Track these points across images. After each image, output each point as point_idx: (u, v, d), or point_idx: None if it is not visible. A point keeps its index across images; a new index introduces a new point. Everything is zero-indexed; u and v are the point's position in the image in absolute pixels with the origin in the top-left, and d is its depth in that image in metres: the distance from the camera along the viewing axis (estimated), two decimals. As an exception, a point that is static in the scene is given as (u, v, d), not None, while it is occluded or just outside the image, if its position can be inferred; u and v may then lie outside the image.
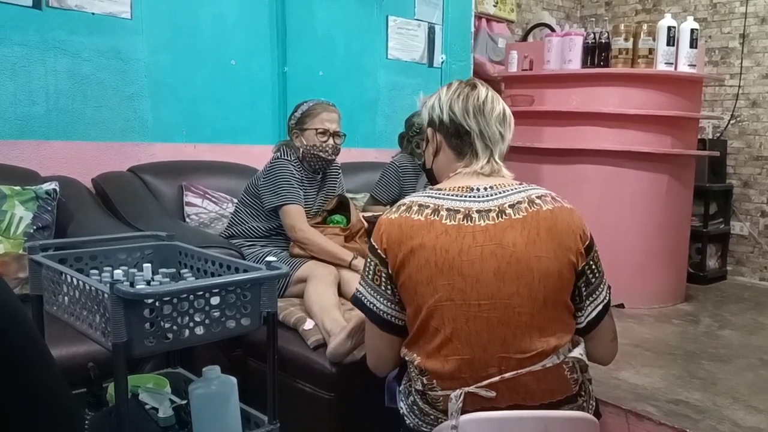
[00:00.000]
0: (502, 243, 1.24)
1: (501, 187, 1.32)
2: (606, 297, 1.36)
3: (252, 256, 2.26)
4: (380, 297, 1.33)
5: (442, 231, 1.25)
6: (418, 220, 1.28)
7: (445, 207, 1.29)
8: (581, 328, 1.35)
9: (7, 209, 2.04)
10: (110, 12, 2.59)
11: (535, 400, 1.26)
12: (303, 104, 2.41)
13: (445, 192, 1.33)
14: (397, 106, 3.57)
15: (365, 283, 1.35)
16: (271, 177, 2.31)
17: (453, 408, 1.22)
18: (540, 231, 1.26)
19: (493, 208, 1.28)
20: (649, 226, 3.04)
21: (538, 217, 1.27)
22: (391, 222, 1.31)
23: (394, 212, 1.33)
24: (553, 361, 1.25)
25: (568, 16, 4.88)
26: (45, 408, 0.74)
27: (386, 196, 2.87)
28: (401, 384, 1.42)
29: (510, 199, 1.29)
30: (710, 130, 4.10)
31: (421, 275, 1.25)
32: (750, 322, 2.91)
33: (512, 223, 1.26)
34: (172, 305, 1.16)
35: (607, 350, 1.40)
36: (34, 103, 2.45)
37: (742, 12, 4.01)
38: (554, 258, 1.26)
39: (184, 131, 2.87)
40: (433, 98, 1.41)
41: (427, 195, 1.34)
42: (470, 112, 1.35)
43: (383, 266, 1.31)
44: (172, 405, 1.45)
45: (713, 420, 1.78)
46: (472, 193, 1.30)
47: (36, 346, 0.76)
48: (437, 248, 1.24)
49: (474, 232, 1.25)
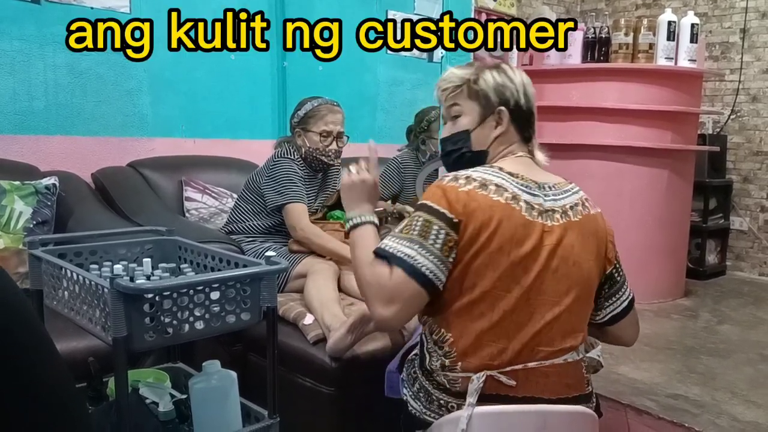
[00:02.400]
0: (563, 244, 1.28)
1: (560, 186, 1.35)
2: (630, 293, 1.44)
3: (252, 252, 2.26)
4: (427, 253, 1.22)
5: (520, 223, 1.25)
6: (498, 201, 1.25)
7: (523, 198, 1.27)
8: (604, 321, 1.43)
9: (7, 204, 2.04)
10: (109, 6, 2.58)
11: (552, 393, 1.26)
12: (307, 103, 2.39)
13: (518, 180, 1.29)
14: (396, 101, 3.57)
15: (406, 239, 1.24)
16: (274, 175, 2.30)
17: (473, 388, 1.22)
18: (589, 235, 1.33)
19: (557, 209, 1.30)
20: (649, 221, 3.04)
21: (589, 220, 1.34)
22: (468, 194, 1.24)
23: (465, 184, 1.26)
24: (574, 357, 1.29)
25: (569, 10, 4.87)
26: (47, 407, 0.74)
27: (387, 192, 2.88)
28: (403, 372, 1.43)
29: (569, 200, 1.33)
30: (710, 126, 4.10)
31: (489, 259, 1.23)
32: (749, 317, 2.91)
33: (572, 225, 1.30)
34: (172, 300, 1.16)
35: (633, 334, 1.49)
36: (33, 98, 2.45)
37: (743, 7, 4.00)
38: (595, 261, 1.33)
39: (183, 126, 2.87)
40: (498, 77, 1.35)
41: (498, 176, 1.28)
42: (533, 97, 1.38)
43: (449, 227, 1.22)
44: (172, 399, 1.45)
45: (712, 414, 1.79)
46: (542, 191, 1.31)
47: (41, 343, 0.76)
48: (514, 240, 1.24)
49: (543, 231, 1.27)
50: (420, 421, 1.32)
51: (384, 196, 2.85)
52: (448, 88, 1.39)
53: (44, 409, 0.73)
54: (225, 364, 1.41)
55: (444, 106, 1.42)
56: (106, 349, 1.17)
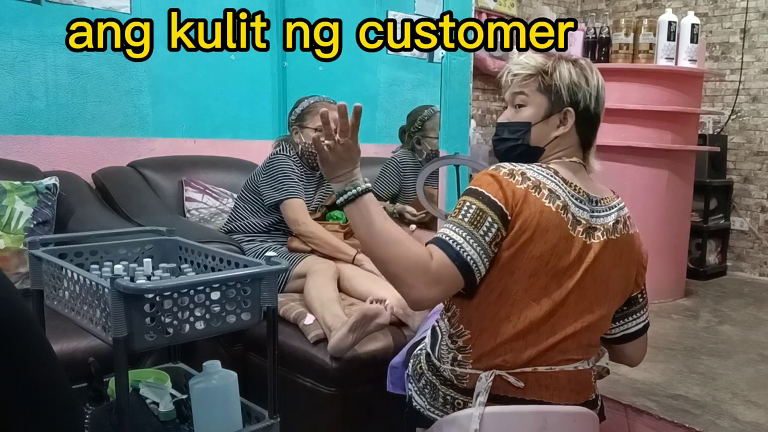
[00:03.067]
0: (596, 262, 1.25)
1: (607, 202, 1.32)
2: (647, 319, 1.42)
3: (252, 252, 2.26)
4: (475, 243, 1.17)
5: (565, 236, 1.21)
6: (549, 207, 1.20)
7: (571, 211, 1.23)
8: (614, 338, 1.41)
9: (8, 204, 2.04)
10: (109, 6, 2.58)
11: (561, 399, 1.25)
12: (304, 100, 2.41)
13: (570, 190, 1.25)
14: (397, 101, 3.56)
15: (458, 227, 1.19)
16: (271, 172, 2.30)
17: (481, 387, 1.22)
18: (622, 255, 1.30)
19: (599, 226, 1.27)
20: (649, 221, 3.03)
21: (625, 240, 1.31)
22: (523, 192, 1.20)
23: (521, 182, 1.21)
24: (584, 365, 1.29)
25: (569, 11, 4.87)
26: (43, 403, 0.74)
27: (386, 192, 2.87)
28: (408, 367, 1.42)
29: (612, 218, 1.30)
30: (710, 126, 4.09)
31: (528, 264, 1.20)
32: (750, 317, 2.91)
33: (609, 244, 1.27)
34: (172, 300, 1.16)
35: (639, 356, 1.47)
36: (34, 98, 2.45)
37: (743, 7, 4.00)
38: (621, 281, 1.31)
39: (184, 126, 2.87)
40: (575, 75, 1.28)
41: (552, 180, 1.24)
42: (604, 103, 1.34)
43: (501, 222, 1.18)
44: (172, 399, 1.45)
45: (712, 415, 1.79)
46: (590, 206, 1.28)
47: (39, 341, 0.77)
48: (555, 251, 1.21)
49: (583, 248, 1.24)
50: (424, 417, 1.31)
51: (384, 197, 2.85)
52: (520, 74, 1.31)
53: (40, 404, 0.74)
54: (225, 364, 1.41)
55: (510, 90, 1.33)
56: (107, 349, 1.17)
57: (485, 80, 4.30)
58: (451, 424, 1.26)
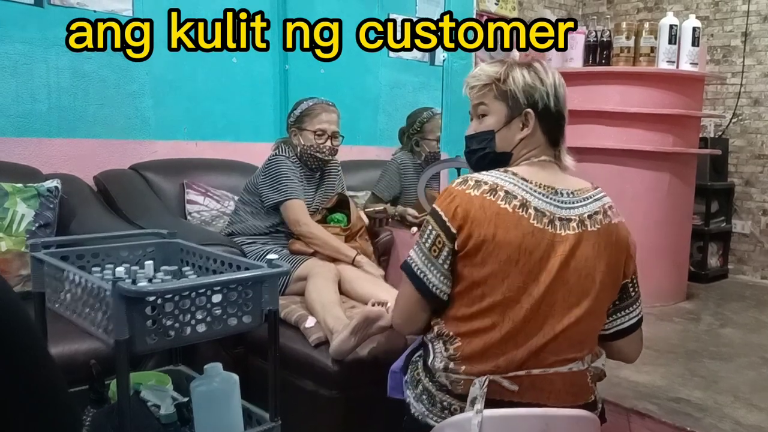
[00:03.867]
0: (576, 255, 1.25)
1: (581, 193, 1.31)
2: (640, 312, 1.40)
3: (253, 254, 2.26)
4: (434, 269, 1.27)
5: (529, 231, 1.22)
6: (505, 209, 1.23)
7: (533, 205, 1.25)
8: (607, 335, 1.39)
9: (9, 207, 2.04)
10: (111, 9, 2.59)
11: (558, 401, 1.25)
12: (303, 102, 2.41)
13: (531, 186, 1.27)
14: (398, 103, 3.57)
15: (420, 251, 1.29)
16: (270, 174, 2.31)
17: (475, 393, 1.22)
18: (606, 245, 1.29)
19: (573, 217, 1.27)
20: (651, 224, 3.03)
21: (607, 231, 1.30)
22: (471, 199, 1.24)
23: (474, 188, 1.25)
24: (579, 367, 1.28)
25: (570, 14, 4.87)
26: (41, 405, 0.74)
27: (387, 194, 2.88)
28: (407, 373, 1.42)
29: (588, 208, 1.30)
30: (712, 129, 4.09)
31: (497, 268, 1.22)
32: (751, 320, 2.90)
33: (588, 236, 1.27)
34: (173, 303, 1.17)
35: (635, 351, 1.45)
36: (36, 101, 2.45)
37: (745, 10, 4.00)
38: (608, 273, 1.29)
39: (185, 129, 2.87)
40: (528, 77, 1.32)
41: (510, 181, 1.27)
42: (565, 100, 1.36)
43: (449, 240, 1.25)
44: (173, 402, 1.45)
45: (714, 418, 1.78)
46: (557, 198, 1.28)
47: (36, 343, 0.77)
48: (522, 248, 1.22)
49: (555, 240, 1.24)
50: (422, 424, 1.31)
51: (385, 199, 2.85)
52: (476, 86, 1.36)
53: (39, 405, 0.74)
54: (227, 366, 1.41)
55: (471, 103, 1.39)
56: (108, 352, 1.18)
57: (486, 83, 4.29)
58: (451, 428, 1.26)
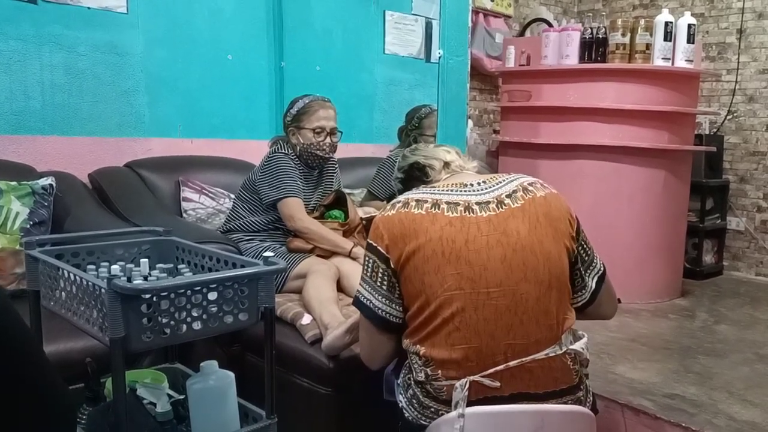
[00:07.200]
0: (506, 231, 1.28)
1: (492, 180, 1.37)
2: (601, 266, 1.43)
3: (250, 251, 2.25)
4: (378, 295, 1.34)
5: (446, 222, 1.28)
6: (419, 213, 1.30)
7: (444, 200, 1.31)
8: (587, 301, 1.41)
9: (4, 204, 2.03)
10: (106, 6, 2.58)
11: (539, 387, 1.26)
12: (298, 101, 2.40)
13: (439, 188, 1.36)
14: (394, 101, 3.56)
15: (364, 282, 1.37)
16: (269, 171, 2.30)
17: (458, 397, 1.23)
18: (539, 217, 1.31)
19: (491, 199, 1.32)
20: (646, 221, 3.04)
21: (534, 203, 1.32)
22: (389, 219, 1.33)
23: (390, 210, 1.35)
24: (556, 351, 1.28)
25: (566, 11, 4.87)
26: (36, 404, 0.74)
27: (383, 192, 2.87)
28: (399, 377, 1.43)
29: (504, 189, 1.34)
30: (707, 126, 4.11)
31: (428, 266, 1.26)
32: (746, 317, 2.92)
33: (513, 212, 1.30)
34: (169, 300, 1.16)
35: (610, 308, 1.49)
36: (29, 98, 2.44)
37: (740, 7, 4.01)
38: (553, 241, 1.31)
39: (180, 126, 2.86)
40: None
41: (420, 192, 1.37)
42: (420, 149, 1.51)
43: (384, 263, 1.32)
44: (170, 400, 1.45)
45: (709, 414, 1.79)
46: (467, 188, 1.35)
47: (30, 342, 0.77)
48: (443, 239, 1.26)
49: (478, 222, 1.28)
50: (417, 426, 1.32)
51: (380, 196, 2.85)
52: None
53: (39, 406, 0.74)
54: (223, 364, 1.41)
55: None
56: (104, 350, 1.17)
57: (482, 80, 4.30)
58: (446, 425, 1.26)
